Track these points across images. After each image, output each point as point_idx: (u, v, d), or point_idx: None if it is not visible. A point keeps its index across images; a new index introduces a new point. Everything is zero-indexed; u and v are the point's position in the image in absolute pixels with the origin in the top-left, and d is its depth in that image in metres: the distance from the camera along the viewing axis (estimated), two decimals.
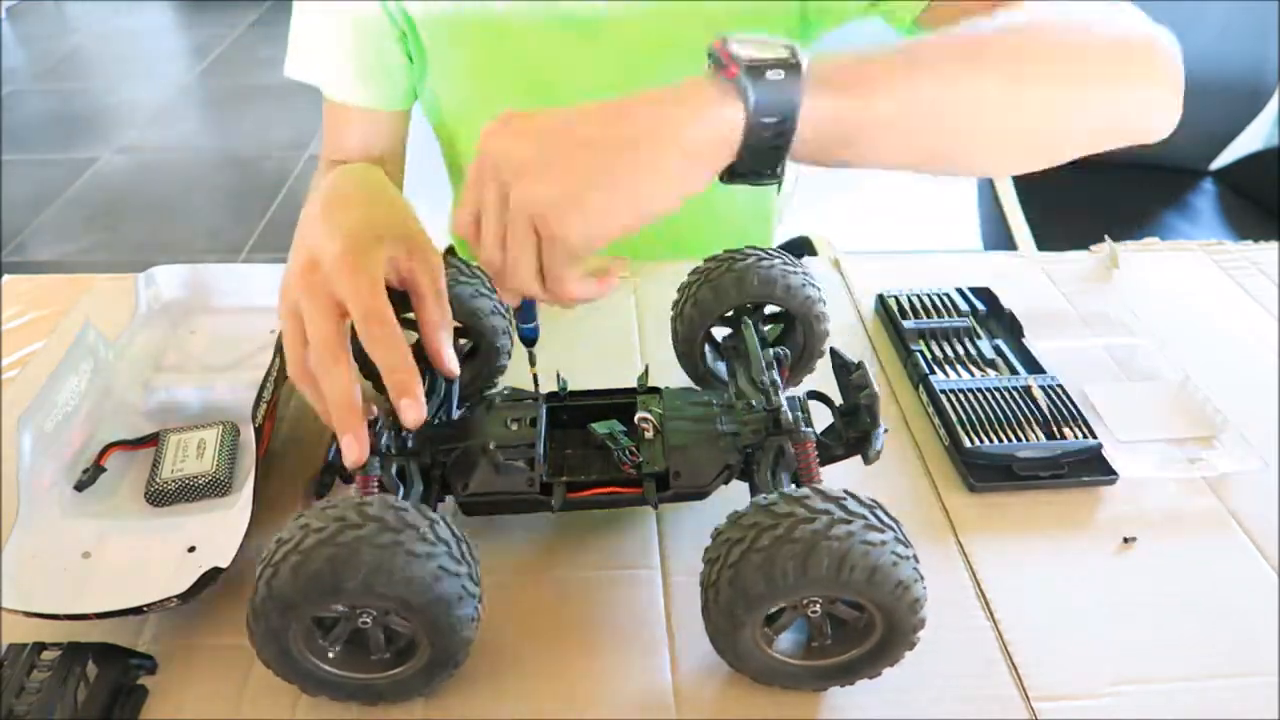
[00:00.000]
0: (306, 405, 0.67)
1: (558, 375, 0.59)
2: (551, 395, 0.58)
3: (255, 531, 0.54)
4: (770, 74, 0.43)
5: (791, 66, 0.43)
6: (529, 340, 0.56)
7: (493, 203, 0.45)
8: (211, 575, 0.49)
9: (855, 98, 0.46)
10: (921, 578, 0.43)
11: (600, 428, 0.56)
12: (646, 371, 0.59)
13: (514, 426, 0.55)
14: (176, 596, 0.48)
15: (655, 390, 0.58)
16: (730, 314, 0.62)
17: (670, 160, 0.44)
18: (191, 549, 0.54)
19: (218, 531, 0.54)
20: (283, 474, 0.61)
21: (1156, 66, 0.55)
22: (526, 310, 0.54)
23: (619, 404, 0.57)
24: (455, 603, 0.43)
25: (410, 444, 0.53)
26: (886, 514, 0.44)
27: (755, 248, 0.62)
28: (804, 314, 0.62)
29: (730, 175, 0.46)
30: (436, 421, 0.56)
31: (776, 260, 0.61)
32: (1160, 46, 0.55)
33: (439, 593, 0.42)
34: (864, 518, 0.42)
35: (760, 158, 0.45)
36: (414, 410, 0.48)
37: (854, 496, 0.44)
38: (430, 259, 0.55)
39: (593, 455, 0.56)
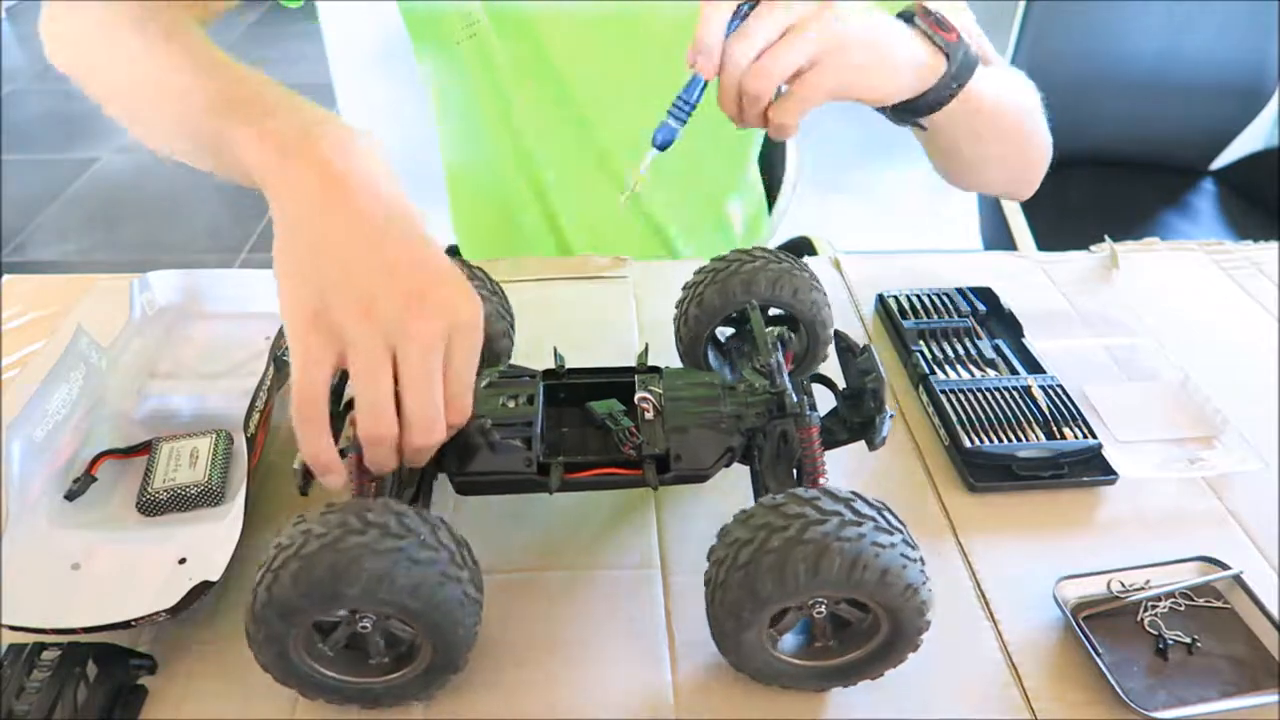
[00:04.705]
0: None
1: (555, 352, 0.58)
2: (549, 373, 0.57)
3: (250, 540, 0.54)
4: (972, 53, 0.60)
5: (975, 56, 0.60)
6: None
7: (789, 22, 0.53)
8: (201, 589, 0.49)
9: (986, 91, 0.64)
10: (928, 580, 0.43)
11: (599, 407, 0.54)
12: (646, 350, 0.58)
13: (510, 404, 0.54)
14: (165, 611, 0.48)
15: (655, 370, 0.57)
16: (735, 315, 0.62)
17: (904, 68, 0.58)
18: (182, 560, 0.53)
19: (209, 543, 0.53)
20: (279, 482, 0.61)
21: (1047, 154, 0.78)
22: (695, 88, 0.56)
23: (617, 383, 0.56)
24: (457, 608, 0.43)
25: None
26: (895, 516, 0.44)
27: (764, 250, 0.62)
28: (809, 320, 0.62)
29: (890, 109, 0.62)
30: None
31: (785, 264, 0.61)
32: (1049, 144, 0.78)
33: (441, 599, 0.42)
34: (873, 519, 0.43)
35: (924, 105, 0.61)
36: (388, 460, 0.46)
37: (862, 498, 0.44)
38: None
39: (591, 435, 0.55)
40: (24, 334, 0.76)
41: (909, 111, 0.62)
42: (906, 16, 0.61)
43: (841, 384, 0.56)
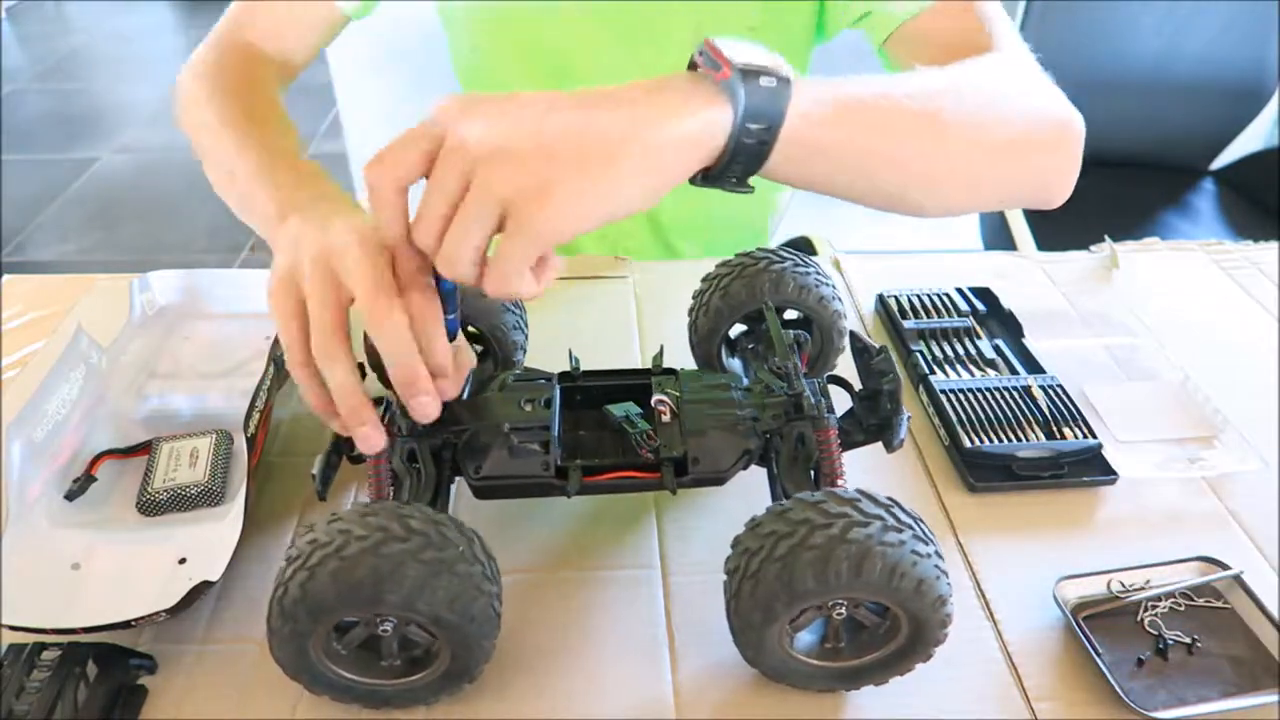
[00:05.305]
0: (302, 412, 0.67)
1: (570, 354, 0.58)
2: (565, 375, 0.57)
3: (251, 540, 0.54)
4: (764, 80, 0.43)
5: (782, 77, 0.44)
6: (449, 335, 0.52)
7: (450, 180, 0.41)
8: (201, 588, 0.49)
9: (836, 123, 0.47)
10: (952, 594, 0.43)
11: (616, 410, 0.54)
12: (661, 352, 0.58)
13: (527, 407, 0.53)
14: (165, 611, 0.48)
15: (671, 371, 0.57)
16: (750, 314, 0.62)
17: (648, 158, 0.42)
18: (182, 560, 0.53)
19: (209, 543, 0.53)
20: (279, 482, 0.61)
21: (1068, 147, 0.61)
22: (448, 299, 0.49)
23: (634, 385, 0.56)
24: (486, 623, 0.43)
25: (420, 426, 0.52)
26: (928, 528, 0.44)
27: (790, 251, 0.62)
28: (826, 326, 0.62)
29: (703, 178, 0.46)
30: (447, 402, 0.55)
31: (811, 269, 0.61)
32: (1072, 127, 0.61)
33: (474, 613, 0.43)
34: (912, 528, 0.43)
35: (738, 164, 0.45)
36: (428, 406, 0.46)
37: (900, 505, 0.44)
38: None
39: (607, 438, 0.55)
40: (24, 334, 0.76)
41: (717, 179, 0.46)
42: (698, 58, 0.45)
43: (857, 385, 0.56)
